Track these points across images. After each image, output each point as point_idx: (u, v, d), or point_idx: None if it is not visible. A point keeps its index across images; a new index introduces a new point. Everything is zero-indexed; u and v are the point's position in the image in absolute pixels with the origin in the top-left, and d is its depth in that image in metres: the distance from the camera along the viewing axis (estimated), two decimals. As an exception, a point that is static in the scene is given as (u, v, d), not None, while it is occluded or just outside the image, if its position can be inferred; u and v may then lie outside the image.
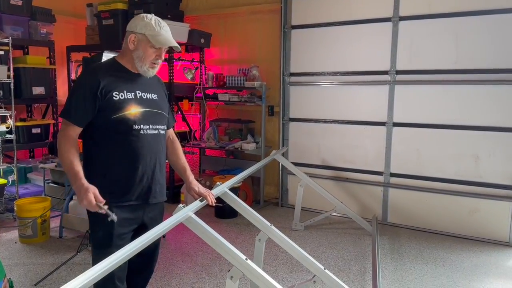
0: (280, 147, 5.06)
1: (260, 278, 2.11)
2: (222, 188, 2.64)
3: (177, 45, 2.14)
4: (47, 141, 5.26)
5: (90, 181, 1.91)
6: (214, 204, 2.34)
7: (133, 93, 2.06)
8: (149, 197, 2.14)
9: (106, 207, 1.89)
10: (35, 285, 3.10)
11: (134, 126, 2.03)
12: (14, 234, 4.04)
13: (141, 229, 2.10)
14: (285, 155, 5.19)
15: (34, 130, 5.14)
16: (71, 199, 4.17)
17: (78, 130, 2.00)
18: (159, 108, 2.16)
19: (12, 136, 4.55)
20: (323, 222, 4.62)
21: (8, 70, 4.52)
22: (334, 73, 4.84)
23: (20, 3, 4.97)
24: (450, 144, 4.28)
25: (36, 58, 5.12)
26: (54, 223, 4.26)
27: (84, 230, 3.74)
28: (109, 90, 1.99)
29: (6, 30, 4.88)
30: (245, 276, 2.07)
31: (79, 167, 1.91)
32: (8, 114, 4.54)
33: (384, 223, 4.64)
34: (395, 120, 4.55)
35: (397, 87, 4.50)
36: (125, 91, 2.03)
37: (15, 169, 4.61)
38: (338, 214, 4.79)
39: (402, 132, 4.52)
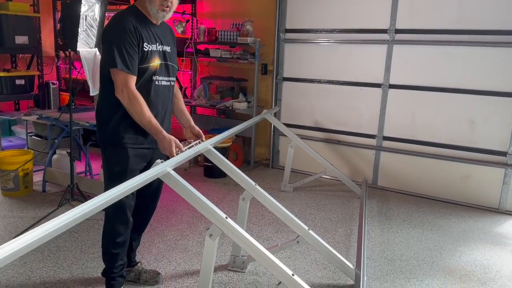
0: (273, 107, 4.92)
1: (239, 236, 2.03)
2: (206, 145, 2.52)
3: None
4: (32, 93, 5.08)
5: (110, 123, 2.12)
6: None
7: (155, 45, 2.13)
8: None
9: (188, 146, 2.17)
10: (14, 237, 3.03)
11: (153, 76, 2.13)
12: (-4, 186, 3.95)
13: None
14: (277, 115, 5.06)
15: (18, 82, 4.95)
16: (54, 153, 4.06)
17: (135, 80, 2.06)
18: (172, 61, 2.25)
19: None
20: (313, 184, 4.56)
21: None
22: (332, 31, 4.64)
23: None
24: (446, 108, 4.15)
25: (19, 5, 4.86)
26: (38, 177, 4.17)
27: (67, 184, 3.66)
28: (142, 39, 2.06)
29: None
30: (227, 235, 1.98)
31: (155, 120, 2.07)
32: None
33: (374, 187, 4.58)
34: (392, 81, 4.39)
35: (396, 47, 4.32)
36: (151, 43, 2.11)
37: (7, 119, 4.46)
38: (328, 177, 4.72)
39: (398, 94, 4.38)
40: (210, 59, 5.22)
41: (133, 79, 2.05)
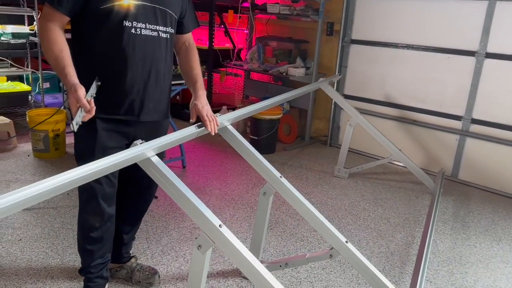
0: (336, 74, 4.17)
1: (234, 252, 1.49)
2: (222, 120, 1.95)
3: None
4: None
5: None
6: (213, 133, 1.79)
7: None
8: (141, 114, 1.74)
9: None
10: (23, 206, 2.77)
11: (124, 22, 1.61)
12: (29, 146, 3.76)
13: None
14: (339, 85, 4.31)
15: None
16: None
17: (64, 19, 1.58)
18: (164, 4, 1.69)
19: (37, 39, 4.15)
20: (374, 171, 3.81)
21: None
22: (416, -17, 3.72)
23: None
24: None
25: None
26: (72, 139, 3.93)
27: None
28: None
29: None
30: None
31: (67, 61, 1.52)
32: (33, 14, 4.11)
33: (453, 180, 3.72)
34: (490, 49, 3.42)
35: (499, 3, 3.31)
36: None
37: (40, 76, 4.27)
38: (396, 163, 3.94)
39: (497, 66, 3.41)
40: (268, 16, 4.56)
41: (58, 16, 1.54)
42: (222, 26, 4.64)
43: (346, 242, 1.94)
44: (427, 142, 3.88)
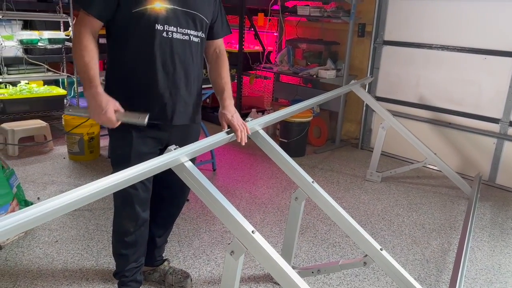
0: (368, 76, 4.10)
1: (267, 258, 1.48)
2: (253, 125, 1.95)
3: None
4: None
5: (112, 89, 1.65)
6: (243, 143, 1.77)
7: None
8: (173, 117, 1.74)
9: (134, 116, 1.58)
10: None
11: (156, 25, 1.61)
12: (65, 149, 3.87)
13: None
14: (371, 87, 4.23)
15: (101, 40, 4.82)
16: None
17: (97, 24, 1.60)
18: (195, 8, 1.69)
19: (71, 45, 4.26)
20: (408, 175, 3.72)
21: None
22: (451, -18, 3.61)
23: None
24: None
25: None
26: (106, 142, 4.01)
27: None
28: None
29: None
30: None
31: (95, 71, 1.54)
32: (68, 20, 4.23)
33: (490, 185, 3.59)
34: (531, 49, 3.29)
35: (543, 1, 3.18)
36: None
37: (75, 80, 4.39)
38: (430, 166, 3.83)
39: (539, 67, 3.27)
40: (298, 18, 4.53)
41: (91, 21, 1.56)
42: (252, 29, 4.64)
43: (381, 249, 1.89)
44: (463, 146, 3.76)
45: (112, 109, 1.52)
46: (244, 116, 4.99)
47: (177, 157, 1.51)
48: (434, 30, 3.77)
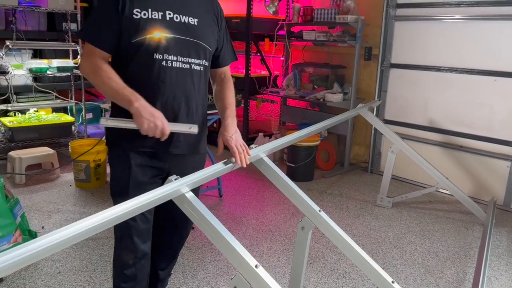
0: (374, 100, 4.06)
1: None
2: (257, 152, 1.90)
3: None
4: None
5: (113, 114, 1.66)
6: (244, 165, 1.68)
7: (161, 13, 1.59)
8: (170, 146, 1.68)
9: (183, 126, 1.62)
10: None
11: (155, 54, 1.58)
12: (72, 176, 3.85)
13: None
14: (380, 110, 4.19)
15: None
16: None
17: (106, 55, 1.59)
18: (196, 36, 1.65)
19: (80, 72, 4.30)
20: (420, 200, 3.62)
21: (75, 0, 4.19)
22: (458, 4, 3.59)
23: None
24: None
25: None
26: (113, 168, 3.99)
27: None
28: (131, 6, 1.55)
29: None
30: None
31: (130, 89, 1.53)
32: (77, 48, 4.29)
33: (505, 210, 3.48)
34: (542, 70, 3.22)
35: (552, 22, 3.14)
36: (150, 9, 1.57)
37: (83, 107, 4.42)
38: (443, 191, 3.73)
39: (551, 88, 3.20)
40: (304, 43, 4.54)
41: (102, 53, 1.56)
42: (259, 54, 4.66)
43: (392, 282, 1.80)
44: (475, 169, 3.67)
45: (164, 118, 1.52)
46: (251, 140, 4.96)
47: (177, 187, 1.46)
48: (442, 52, 3.74)
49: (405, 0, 3.91)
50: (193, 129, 1.60)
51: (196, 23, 1.65)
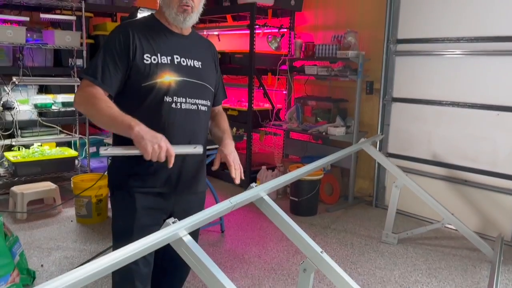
0: (378, 134, 4.05)
1: None
2: (257, 191, 1.89)
3: None
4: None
5: (117, 157, 1.69)
6: (237, 181, 1.73)
7: (169, 57, 1.65)
8: (178, 185, 1.71)
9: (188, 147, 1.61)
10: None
11: (165, 97, 1.62)
12: (73, 211, 3.83)
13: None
14: (383, 144, 4.17)
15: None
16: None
17: (105, 93, 1.58)
18: (202, 79, 1.73)
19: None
20: (426, 236, 3.55)
21: (81, 37, 4.29)
22: (458, 39, 3.63)
23: (102, -33, 4.72)
24: None
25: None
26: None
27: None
28: (141, 51, 1.60)
29: (88, -4, 4.67)
30: None
31: (120, 111, 1.50)
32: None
33: (514, 246, 3.40)
34: (545, 105, 3.22)
35: (552, 58, 3.15)
36: (159, 54, 1.63)
37: (86, 141, 4.44)
38: (449, 227, 3.66)
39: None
40: (306, 77, 4.59)
41: (99, 90, 1.53)
42: (261, 88, 4.70)
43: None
44: (481, 204, 3.61)
45: (167, 140, 1.48)
46: (254, 173, 4.90)
47: (175, 231, 1.44)
48: (443, 87, 3.75)
49: (405, 36, 3.96)
50: (198, 149, 1.59)
51: (200, 66, 1.72)
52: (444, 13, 3.69)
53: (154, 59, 1.60)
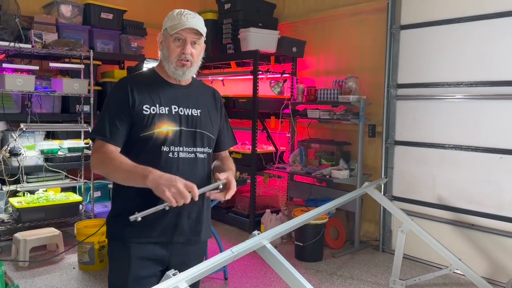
0: (382, 177, 4.05)
1: None
2: (260, 239, 1.88)
3: (197, 28, 1.68)
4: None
5: (114, 209, 1.75)
6: (223, 199, 1.73)
7: (167, 108, 1.71)
8: (174, 234, 1.71)
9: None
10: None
11: (162, 147, 1.67)
12: (75, 257, 3.79)
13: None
14: (388, 187, 4.16)
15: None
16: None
17: (118, 149, 1.66)
18: (200, 127, 1.77)
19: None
20: (434, 282, 3.47)
21: (89, 85, 4.40)
22: (458, 84, 3.69)
23: (111, 17, 4.90)
24: None
25: (124, 73, 4.98)
26: (118, 249, 3.93)
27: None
28: (140, 103, 1.67)
29: (97, 44, 4.83)
30: None
31: (133, 163, 1.57)
32: (88, 129, 4.42)
33: (526, 293, 3.30)
34: (547, 148, 3.22)
35: (551, 102, 3.19)
36: (157, 105, 1.69)
37: (91, 186, 4.46)
38: (457, 272, 3.57)
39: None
40: (309, 120, 4.65)
41: (110, 148, 1.62)
42: (265, 131, 4.76)
43: None
44: (489, 248, 3.54)
45: (183, 180, 1.50)
46: (258, 216, 4.86)
47: (175, 284, 1.43)
48: (445, 130, 3.78)
49: (405, 81, 4.04)
50: (221, 185, 1.66)
51: (199, 114, 1.76)
52: (443, 58, 3.77)
53: (153, 110, 1.67)
